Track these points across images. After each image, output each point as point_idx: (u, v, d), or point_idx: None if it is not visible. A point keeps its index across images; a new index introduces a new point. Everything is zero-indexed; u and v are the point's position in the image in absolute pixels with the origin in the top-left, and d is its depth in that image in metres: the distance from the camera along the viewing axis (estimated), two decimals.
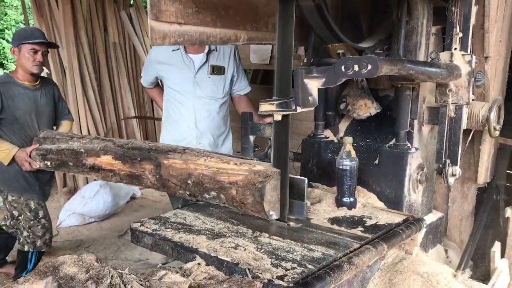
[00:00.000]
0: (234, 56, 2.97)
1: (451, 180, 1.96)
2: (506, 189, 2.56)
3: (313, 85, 1.51)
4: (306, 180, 1.76)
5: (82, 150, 2.22)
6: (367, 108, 2.20)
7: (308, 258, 1.50)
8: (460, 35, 1.86)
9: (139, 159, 1.97)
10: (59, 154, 2.38)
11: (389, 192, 2.09)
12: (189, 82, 2.88)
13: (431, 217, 2.26)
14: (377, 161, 2.12)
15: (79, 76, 5.11)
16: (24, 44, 2.87)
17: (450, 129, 1.96)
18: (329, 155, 2.29)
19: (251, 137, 2.43)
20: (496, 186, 2.52)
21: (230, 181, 1.69)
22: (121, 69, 5.62)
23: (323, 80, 1.49)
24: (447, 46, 1.90)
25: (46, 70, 3.13)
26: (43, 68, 3.01)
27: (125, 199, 4.81)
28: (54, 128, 3.15)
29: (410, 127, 2.08)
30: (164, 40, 1.60)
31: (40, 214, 3.05)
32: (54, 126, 3.18)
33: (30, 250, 3.03)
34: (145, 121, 5.92)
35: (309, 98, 1.51)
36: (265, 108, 1.64)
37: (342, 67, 1.43)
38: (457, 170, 1.95)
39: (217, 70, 2.90)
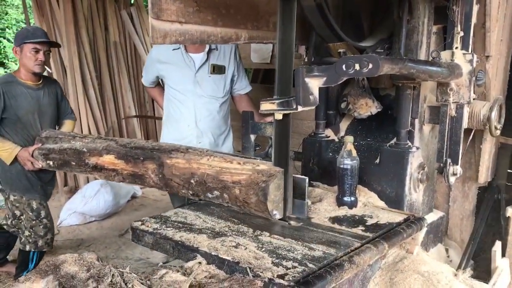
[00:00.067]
0: (235, 55, 2.97)
1: (452, 179, 1.96)
2: (507, 188, 2.55)
3: (314, 84, 1.51)
4: (307, 179, 1.76)
5: (84, 150, 2.21)
6: (368, 107, 2.19)
7: (309, 257, 1.50)
8: (461, 34, 1.86)
9: (142, 158, 1.96)
10: (62, 153, 2.38)
11: (390, 191, 2.09)
12: (190, 81, 2.88)
13: (432, 216, 2.26)
14: (378, 160, 2.12)
15: (80, 75, 5.11)
16: (26, 43, 2.87)
17: (451, 128, 1.95)
18: (330, 154, 2.29)
19: (252, 136, 2.43)
20: (497, 186, 2.51)
21: (233, 180, 1.68)
22: (122, 68, 5.62)
23: (324, 79, 1.49)
24: (448, 45, 1.90)
25: (48, 69, 3.13)
26: (45, 67, 3.01)
27: (126, 198, 4.81)
28: (57, 128, 3.15)
29: (411, 126, 2.07)
30: (165, 39, 1.60)
31: (42, 214, 3.05)
32: (57, 125, 3.18)
33: (32, 250, 3.03)
34: (146, 120, 5.92)
35: (310, 97, 1.51)
36: (266, 107, 1.64)
37: (343, 66, 1.43)
38: (458, 169, 1.95)
39: (217, 69, 2.90)
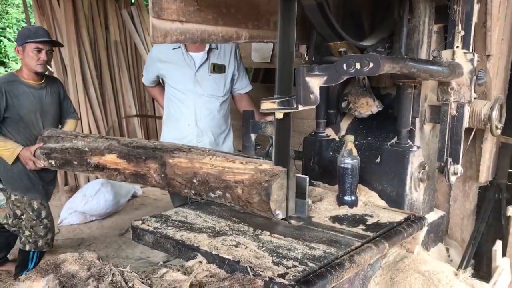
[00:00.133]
0: (235, 54, 2.97)
1: (452, 178, 1.96)
2: (507, 188, 2.55)
3: (315, 83, 1.50)
4: (308, 178, 1.75)
5: (86, 149, 2.21)
6: (368, 107, 2.19)
7: (310, 256, 1.50)
8: (462, 33, 1.85)
9: (144, 158, 1.96)
10: (64, 153, 2.38)
11: (391, 191, 2.09)
12: (190, 80, 2.88)
13: (433, 216, 2.26)
14: (378, 160, 2.12)
15: (81, 74, 5.11)
16: (28, 43, 2.87)
17: (452, 127, 1.95)
18: (331, 153, 2.29)
19: (253, 136, 2.43)
20: (498, 185, 2.51)
21: (236, 180, 1.68)
22: (122, 67, 5.61)
23: (325, 78, 1.49)
24: (449, 44, 1.90)
25: (50, 68, 3.12)
26: (48, 67, 3.01)
27: (126, 198, 4.81)
28: (59, 127, 3.15)
29: (412, 126, 2.07)
30: (165, 38, 1.60)
31: (43, 214, 3.04)
32: (59, 124, 3.18)
33: (32, 250, 3.03)
34: (146, 119, 5.92)
35: (311, 96, 1.51)
36: (266, 106, 1.64)
37: (344, 65, 1.43)
38: (459, 168, 1.95)
39: (217, 69, 2.90)
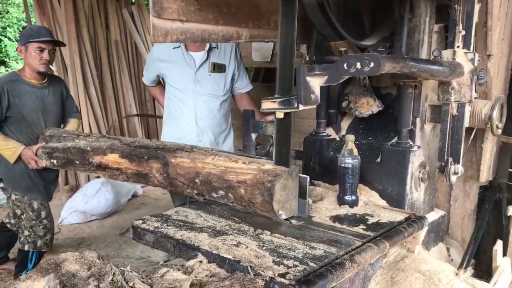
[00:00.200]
0: (235, 54, 2.97)
1: (453, 178, 1.96)
2: (508, 188, 2.55)
3: (315, 83, 1.50)
4: (308, 178, 1.75)
5: (88, 149, 2.21)
6: (369, 106, 2.19)
7: (310, 256, 1.50)
8: (463, 33, 1.85)
9: (146, 157, 1.96)
10: (66, 152, 2.37)
11: (391, 190, 2.09)
12: (190, 79, 2.88)
13: (433, 215, 2.26)
14: (379, 159, 2.12)
15: (81, 73, 5.11)
16: (30, 42, 2.86)
17: (452, 127, 1.95)
18: (331, 153, 2.29)
19: (253, 135, 2.43)
20: (498, 185, 2.51)
21: (239, 180, 1.67)
22: (123, 66, 5.61)
23: (325, 77, 1.49)
24: (449, 44, 1.90)
25: (53, 68, 3.12)
26: (50, 66, 3.00)
27: (127, 197, 4.81)
28: (62, 126, 3.14)
29: (412, 125, 2.07)
30: (166, 37, 1.60)
31: (43, 214, 3.04)
32: (62, 124, 3.17)
33: (30, 250, 3.02)
34: (147, 119, 5.92)
35: (311, 96, 1.51)
36: (267, 106, 1.64)
37: (345, 65, 1.42)
38: (459, 168, 1.95)
39: (218, 68, 2.90)
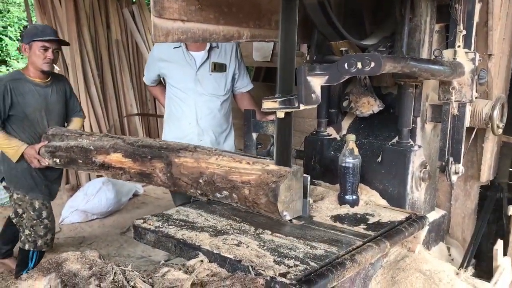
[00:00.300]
0: (236, 53, 2.97)
1: (454, 178, 1.96)
2: (509, 187, 2.55)
3: (316, 83, 1.50)
4: (309, 177, 1.76)
5: (91, 148, 2.20)
6: (370, 106, 2.19)
7: (311, 255, 1.50)
8: (464, 32, 1.85)
9: (150, 157, 1.95)
10: (68, 151, 2.36)
11: (392, 190, 2.09)
12: (191, 79, 2.88)
13: (434, 215, 2.26)
14: (379, 159, 2.12)
15: (82, 73, 5.11)
16: (35, 41, 2.85)
17: (453, 127, 1.95)
18: (332, 152, 2.29)
19: (254, 135, 2.43)
20: (499, 184, 2.51)
21: (243, 180, 1.67)
22: (124, 66, 5.61)
23: (326, 77, 1.49)
24: (450, 44, 1.90)
25: (56, 67, 3.11)
26: (54, 65, 3.00)
27: (128, 196, 4.82)
28: (65, 125, 3.14)
29: (413, 125, 2.07)
30: (167, 37, 1.60)
31: (44, 214, 3.04)
32: (66, 122, 3.17)
33: (31, 249, 3.02)
34: (148, 118, 5.92)
35: (312, 95, 1.51)
36: (268, 105, 1.64)
37: (345, 65, 1.42)
38: (460, 168, 1.95)
39: (218, 67, 2.90)
